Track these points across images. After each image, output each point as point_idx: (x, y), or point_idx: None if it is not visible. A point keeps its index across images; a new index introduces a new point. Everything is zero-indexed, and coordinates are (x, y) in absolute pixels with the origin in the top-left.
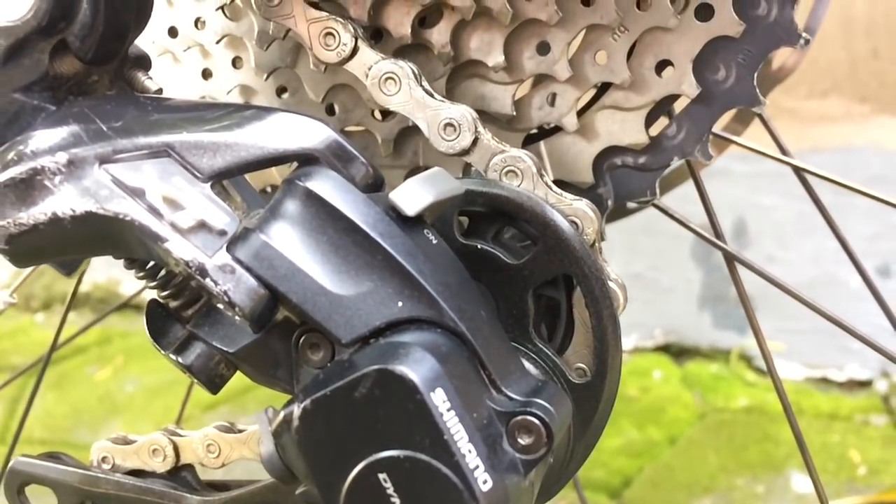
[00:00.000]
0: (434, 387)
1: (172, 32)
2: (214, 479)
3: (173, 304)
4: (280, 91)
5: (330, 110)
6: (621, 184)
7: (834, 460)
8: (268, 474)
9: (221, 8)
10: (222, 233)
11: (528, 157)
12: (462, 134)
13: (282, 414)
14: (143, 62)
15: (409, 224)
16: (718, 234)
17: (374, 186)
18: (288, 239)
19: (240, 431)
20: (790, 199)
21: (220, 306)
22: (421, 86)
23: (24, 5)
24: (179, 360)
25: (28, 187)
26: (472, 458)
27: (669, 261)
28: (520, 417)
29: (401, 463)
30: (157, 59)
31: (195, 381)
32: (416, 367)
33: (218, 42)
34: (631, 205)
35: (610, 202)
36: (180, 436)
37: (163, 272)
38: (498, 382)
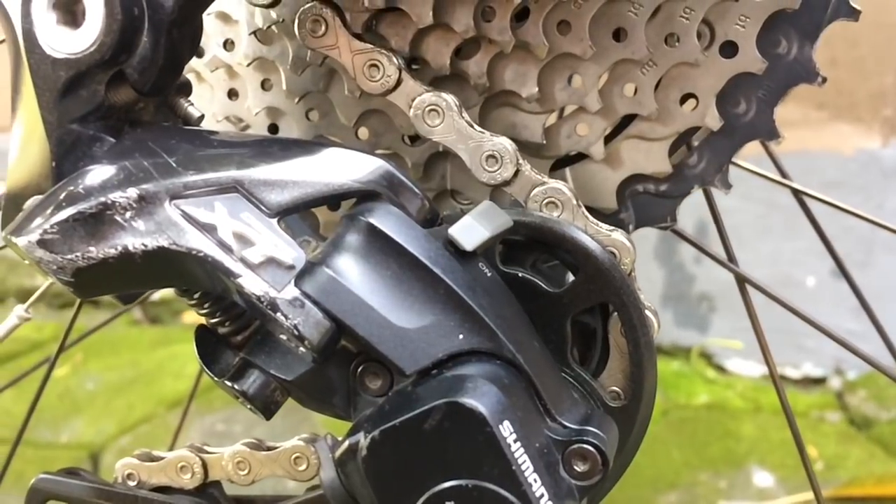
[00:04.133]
0: (502, 419)
1: (199, 53)
2: (240, 494)
3: (222, 330)
4: (307, 112)
5: (355, 134)
6: (642, 209)
7: (792, 456)
8: (302, 491)
9: (254, 32)
10: (290, 267)
11: (567, 189)
12: (504, 165)
13: (347, 443)
14: (185, 88)
15: (465, 258)
16: (731, 257)
17: (430, 221)
18: (353, 273)
19: (269, 449)
20: (749, 202)
21: (284, 337)
22: (462, 117)
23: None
24: (235, 387)
25: (98, 222)
26: (537, 487)
27: None
28: (576, 445)
29: (468, 492)
30: None
31: (250, 407)
32: (485, 400)
33: (248, 65)
34: None
35: (631, 227)
36: (208, 453)
37: (212, 300)
38: (552, 411)
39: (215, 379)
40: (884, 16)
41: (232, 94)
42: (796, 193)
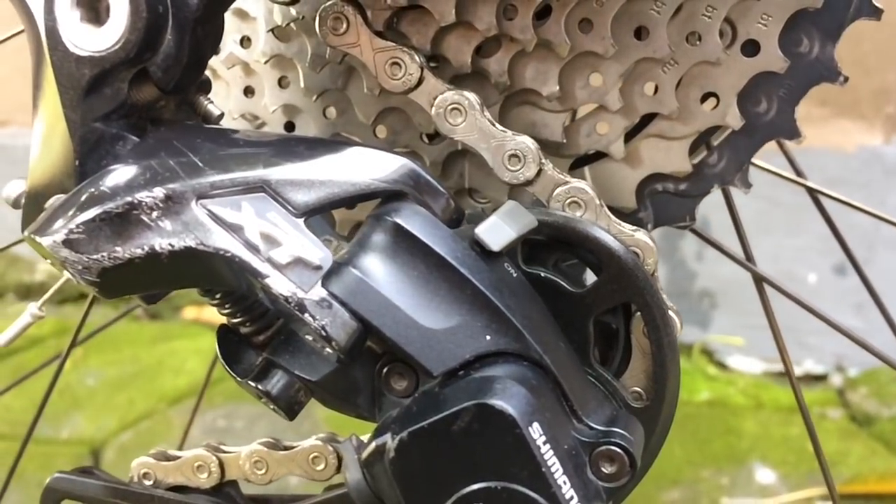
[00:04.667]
0: (531, 421)
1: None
2: (256, 493)
3: (244, 330)
4: (324, 110)
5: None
6: (661, 208)
7: (794, 452)
8: (320, 490)
9: (272, 30)
10: (317, 268)
11: (590, 189)
12: (527, 165)
13: (374, 444)
14: (205, 86)
15: (491, 258)
16: (749, 257)
17: (456, 220)
18: (380, 274)
19: (286, 448)
20: (750, 199)
21: (310, 338)
22: (484, 116)
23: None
24: (259, 387)
25: (124, 222)
26: (567, 489)
27: None
28: (603, 447)
29: (497, 494)
30: None
31: (273, 407)
32: (514, 402)
33: (266, 62)
34: None
35: (650, 226)
36: (225, 452)
37: (234, 300)
38: (579, 412)
39: (238, 379)
40: (887, 13)
41: (248, 91)
42: (811, 192)
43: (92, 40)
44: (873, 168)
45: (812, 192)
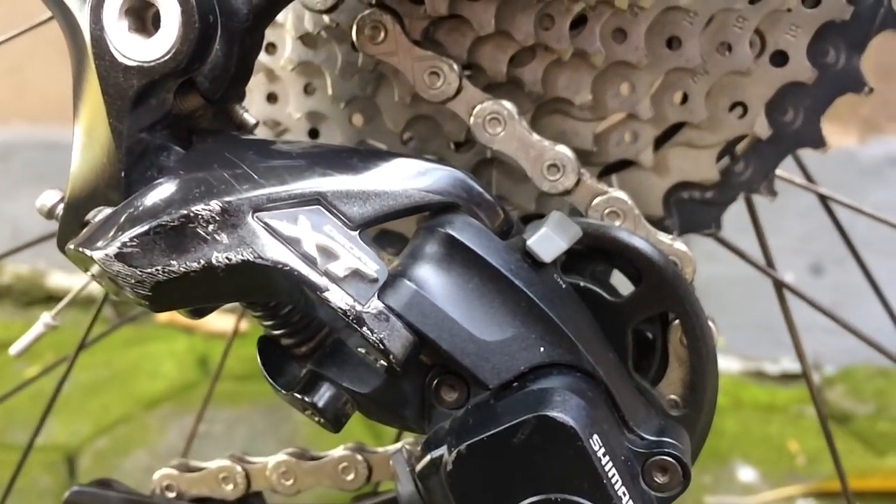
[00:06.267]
0: (591, 433)
1: None
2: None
3: (286, 341)
4: (350, 117)
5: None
6: (686, 216)
7: (775, 451)
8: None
9: (301, 37)
10: (374, 280)
11: (629, 199)
12: (566, 174)
13: (429, 456)
14: (240, 94)
15: (542, 269)
16: (769, 262)
17: (507, 232)
18: (435, 286)
19: (314, 458)
20: None
21: (363, 350)
22: (523, 125)
23: None
24: (306, 399)
25: (180, 235)
26: (626, 500)
27: None
28: (656, 458)
29: None
30: None
31: (319, 419)
32: (574, 414)
33: (292, 69)
34: None
35: (675, 234)
36: (251, 462)
37: (276, 311)
38: (630, 423)
39: (281, 392)
40: None
41: (271, 97)
42: (822, 198)
43: (141, 50)
44: (849, 169)
45: (823, 199)
